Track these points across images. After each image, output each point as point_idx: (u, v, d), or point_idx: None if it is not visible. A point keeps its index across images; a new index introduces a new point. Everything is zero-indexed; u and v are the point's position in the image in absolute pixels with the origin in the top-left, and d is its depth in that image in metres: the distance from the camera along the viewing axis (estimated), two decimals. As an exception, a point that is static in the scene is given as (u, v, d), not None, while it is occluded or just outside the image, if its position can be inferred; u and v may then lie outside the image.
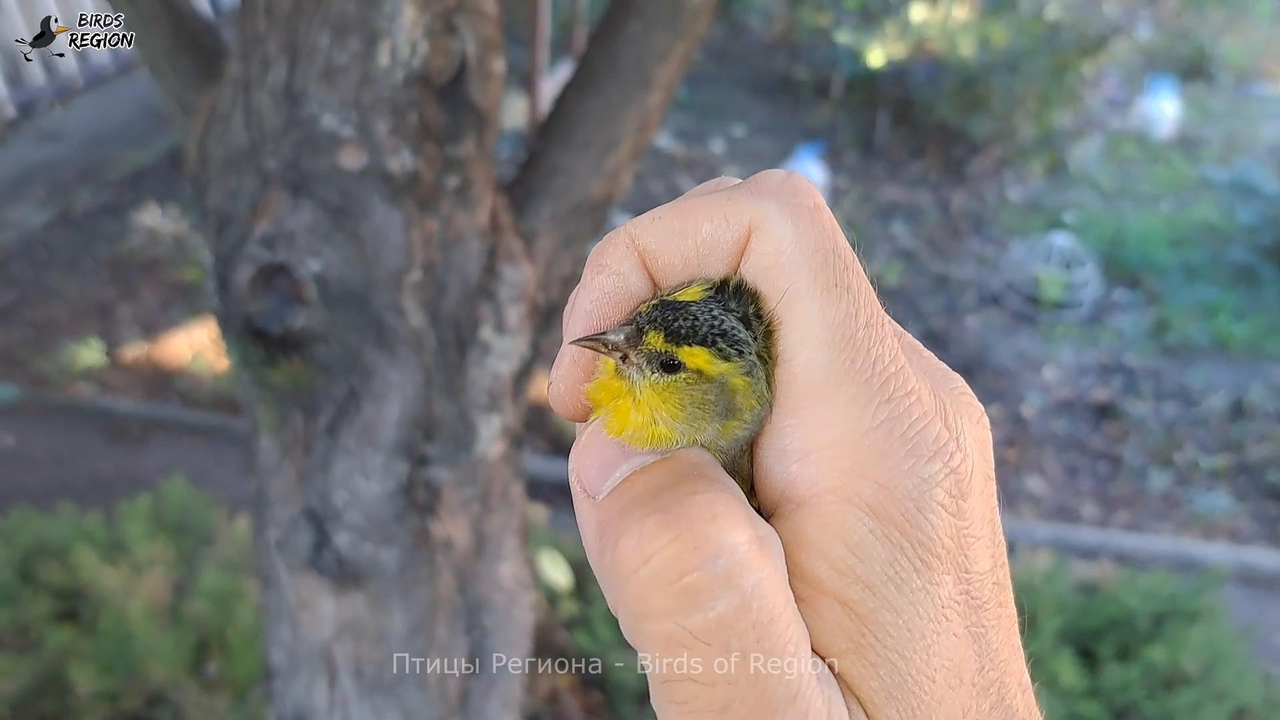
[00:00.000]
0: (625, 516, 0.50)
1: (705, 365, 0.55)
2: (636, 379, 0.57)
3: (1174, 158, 8.75)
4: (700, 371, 0.55)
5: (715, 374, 0.55)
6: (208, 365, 5.71)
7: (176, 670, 3.32)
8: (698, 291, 0.55)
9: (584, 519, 0.54)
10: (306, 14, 1.72)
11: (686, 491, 0.49)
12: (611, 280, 0.57)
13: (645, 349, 0.56)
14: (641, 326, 0.56)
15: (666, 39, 2.08)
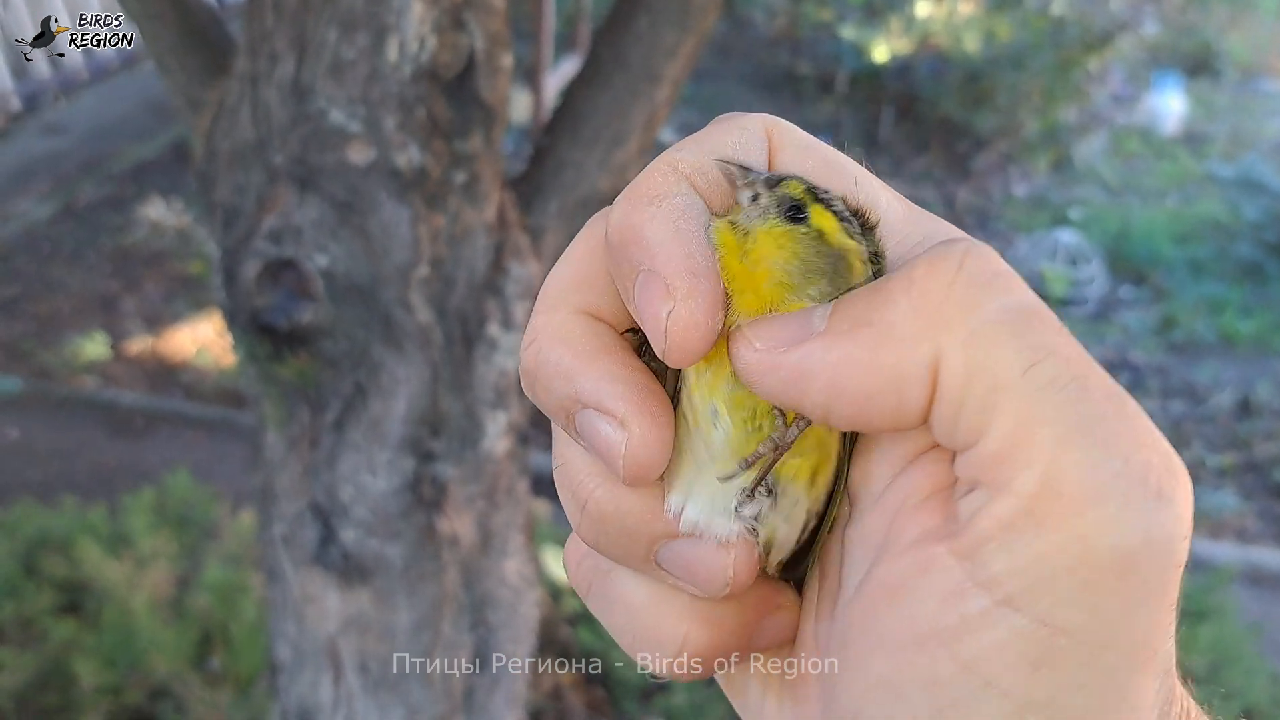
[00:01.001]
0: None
1: (831, 231, 0.53)
2: (755, 223, 0.54)
3: (1179, 153, 8.74)
4: (822, 234, 0.53)
5: (836, 245, 0.53)
6: (212, 358, 5.71)
7: (180, 664, 3.32)
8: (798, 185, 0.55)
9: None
10: (314, 9, 1.72)
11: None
12: (681, 200, 0.52)
13: (781, 192, 0.54)
14: (782, 176, 0.54)
15: (674, 34, 2.08)
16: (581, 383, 0.51)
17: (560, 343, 0.52)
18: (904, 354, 0.46)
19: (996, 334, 0.47)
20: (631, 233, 0.51)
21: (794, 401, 0.49)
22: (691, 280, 0.49)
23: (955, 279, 0.47)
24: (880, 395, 0.47)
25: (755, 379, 0.50)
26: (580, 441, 0.52)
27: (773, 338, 0.50)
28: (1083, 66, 8.15)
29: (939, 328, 0.46)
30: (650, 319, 0.49)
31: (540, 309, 0.53)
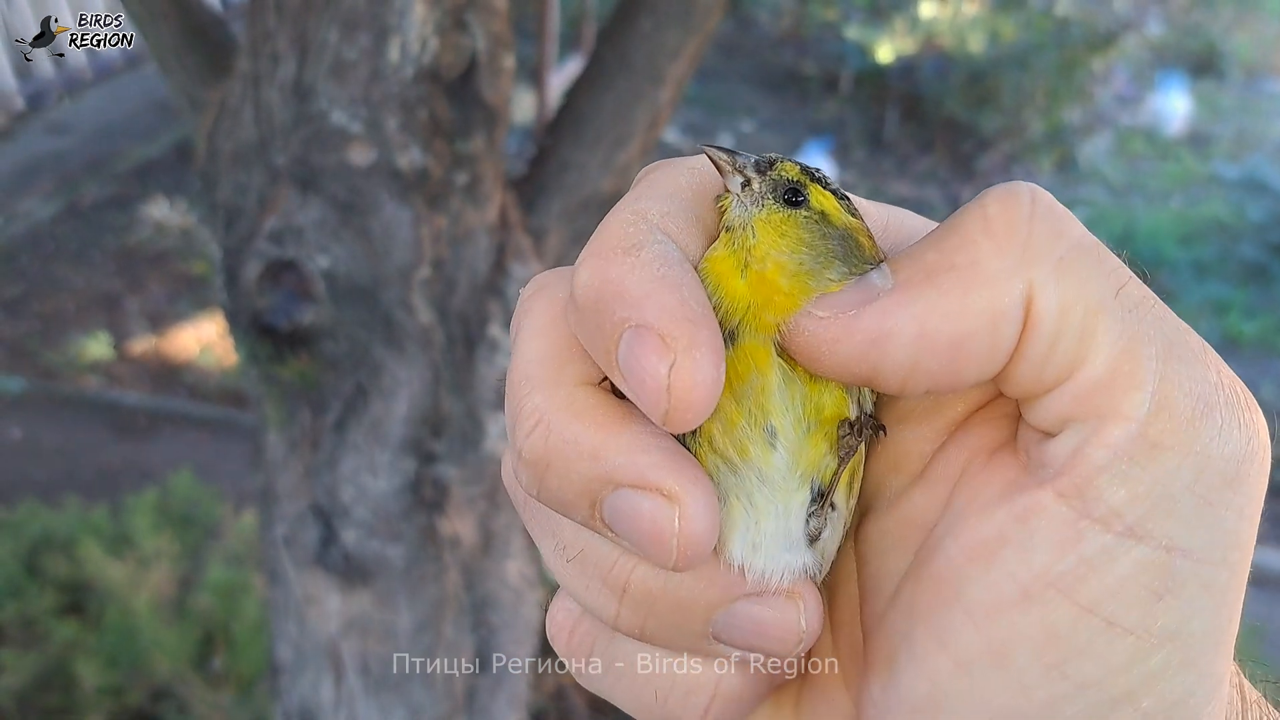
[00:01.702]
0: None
1: (833, 211, 0.51)
2: (750, 213, 0.51)
3: (1184, 154, 8.71)
4: (825, 215, 0.51)
5: (841, 224, 0.51)
6: (215, 358, 5.71)
7: (182, 664, 3.32)
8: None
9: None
10: (316, 9, 1.72)
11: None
12: (659, 247, 0.48)
13: (775, 175, 0.52)
14: (772, 159, 0.52)
15: (678, 35, 2.07)
16: (614, 459, 0.45)
17: (577, 418, 0.46)
18: (998, 292, 0.45)
19: (1083, 262, 0.46)
20: (610, 287, 0.45)
21: (871, 367, 0.46)
22: (691, 328, 0.44)
23: (1033, 213, 0.47)
24: (973, 340, 0.45)
25: (825, 351, 0.47)
26: (609, 531, 0.47)
27: (837, 304, 0.47)
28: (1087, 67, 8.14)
29: (1028, 262, 0.45)
30: (648, 379, 0.44)
31: (532, 390, 0.48)
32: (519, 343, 0.50)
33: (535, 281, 0.53)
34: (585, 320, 0.47)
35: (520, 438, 0.47)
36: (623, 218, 0.48)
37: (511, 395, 0.48)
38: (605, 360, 0.46)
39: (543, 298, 0.51)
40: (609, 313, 0.45)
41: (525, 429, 0.47)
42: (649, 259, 0.47)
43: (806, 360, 0.48)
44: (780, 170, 0.52)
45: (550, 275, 0.52)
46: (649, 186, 0.52)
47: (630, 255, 0.46)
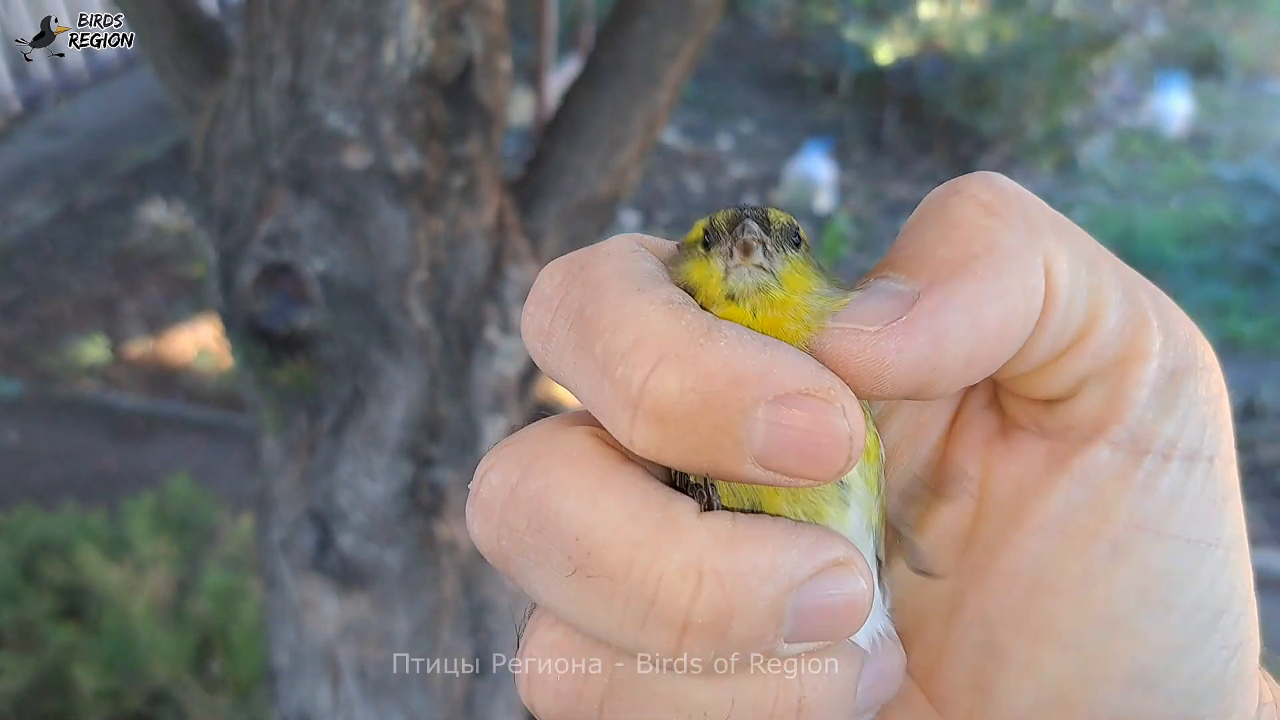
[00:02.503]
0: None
1: (805, 239, 0.50)
2: (779, 267, 0.47)
3: (1184, 155, 8.71)
4: (807, 245, 0.50)
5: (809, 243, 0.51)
6: (213, 361, 5.70)
7: (179, 669, 3.31)
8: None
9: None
10: (312, 12, 1.71)
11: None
12: (727, 323, 0.43)
13: (778, 228, 0.49)
14: (755, 214, 0.48)
15: (675, 37, 2.07)
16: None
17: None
18: (1025, 267, 0.45)
19: (1065, 225, 0.48)
20: (718, 376, 0.41)
21: (931, 370, 0.44)
22: (832, 376, 0.42)
23: (1017, 191, 0.48)
24: (1015, 319, 0.45)
25: (891, 362, 0.44)
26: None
27: (879, 315, 0.45)
28: (1086, 68, 8.14)
29: (1035, 234, 0.46)
30: (823, 439, 0.40)
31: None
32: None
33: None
34: (688, 429, 0.41)
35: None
36: (657, 310, 0.43)
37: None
38: (730, 456, 0.41)
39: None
40: (728, 403, 0.40)
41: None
42: (735, 334, 0.42)
43: (868, 380, 0.45)
44: (775, 219, 0.49)
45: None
46: (623, 277, 0.45)
47: (714, 338, 0.42)
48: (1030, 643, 0.49)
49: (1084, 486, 0.48)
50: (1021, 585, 0.49)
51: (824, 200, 7.65)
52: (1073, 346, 0.47)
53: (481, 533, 0.45)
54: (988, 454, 0.52)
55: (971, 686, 0.51)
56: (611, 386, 0.42)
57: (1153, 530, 0.47)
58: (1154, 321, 0.48)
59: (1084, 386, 0.48)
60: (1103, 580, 0.47)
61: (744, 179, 8.20)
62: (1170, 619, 0.47)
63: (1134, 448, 0.47)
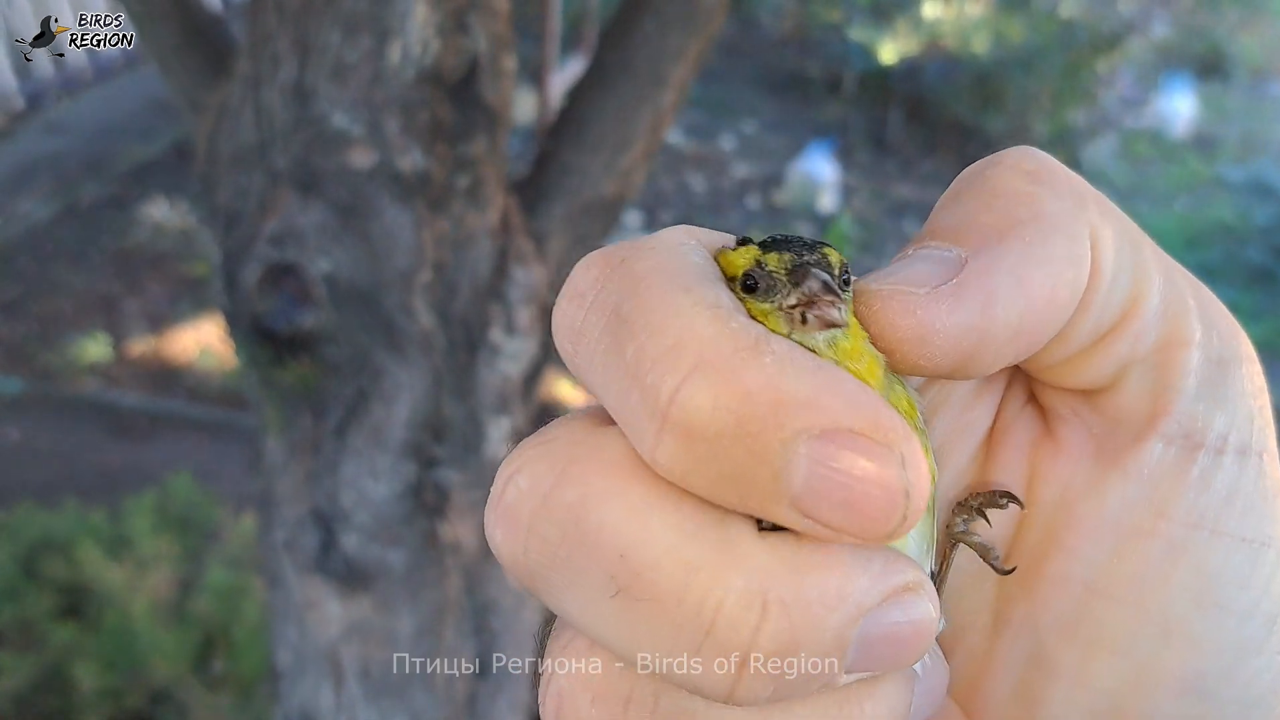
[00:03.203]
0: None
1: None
2: (847, 318, 0.42)
3: (1189, 157, 8.69)
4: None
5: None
6: (215, 360, 5.70)
7: (181, 668, 3.31)
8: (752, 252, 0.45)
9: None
10: (317, 11, 1.71)
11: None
12: (784, 340, 0.39)
13: (840, 275, 0.43)
14: (819, 262, 0.43)
15: (681, 37, 2.06)
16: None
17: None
18: (1072, 236, 0.43)
19: (1108, 202, 0.46)
20: (758, 397, 0.36)
21: (978, 339, 0.42)
22: (897, 416, 0.36)
23: (1058, 163, 0.46)
24: (1062, 289, 0.42)
25: (939, 328, 0.41)
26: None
27: (927, 278, 0.42)
28: (1092, 69, 8.13)
29: (1080, 205, 0.44)
30: (873, 488, 0.35)
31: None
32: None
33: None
34: (718, 453, 0.36)
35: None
36: (701, 313, 0.38)
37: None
38: (763, 493, 0.36)
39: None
40: (766, 429, 0.35)
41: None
42: (785, 351, 0.37)
43: (914, 347, 0.41)
44: (835, 263, 0.44)
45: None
46: (669, 273, 0.40)
47: (760, 353, 0.37)
48: (1082, 651, 0.47)
49: (1137, 485, 0.46)
50: (1072, 591, 0.47)
51: (827, 201, 7.64)
52: (1114, 328, 0.45)
53: (505, 543, 0.40)
54: (1034, 455, 0.50)
55: (1016, 699, 0.49)
56: (640, 395, 0.37)
57: (1209, 529, 0.45)
58: (1195, 309, 0.46)
59: (1126, 375, 0.46)
60: (1159, 583, 0.45)
61: (747, 179, 8.20)
62: (1226, 622, 0.45)
63: (1187, 442, 0.45)
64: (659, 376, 0.36)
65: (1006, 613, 0.50)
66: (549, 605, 0.41)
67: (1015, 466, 0.50)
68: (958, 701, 0.52)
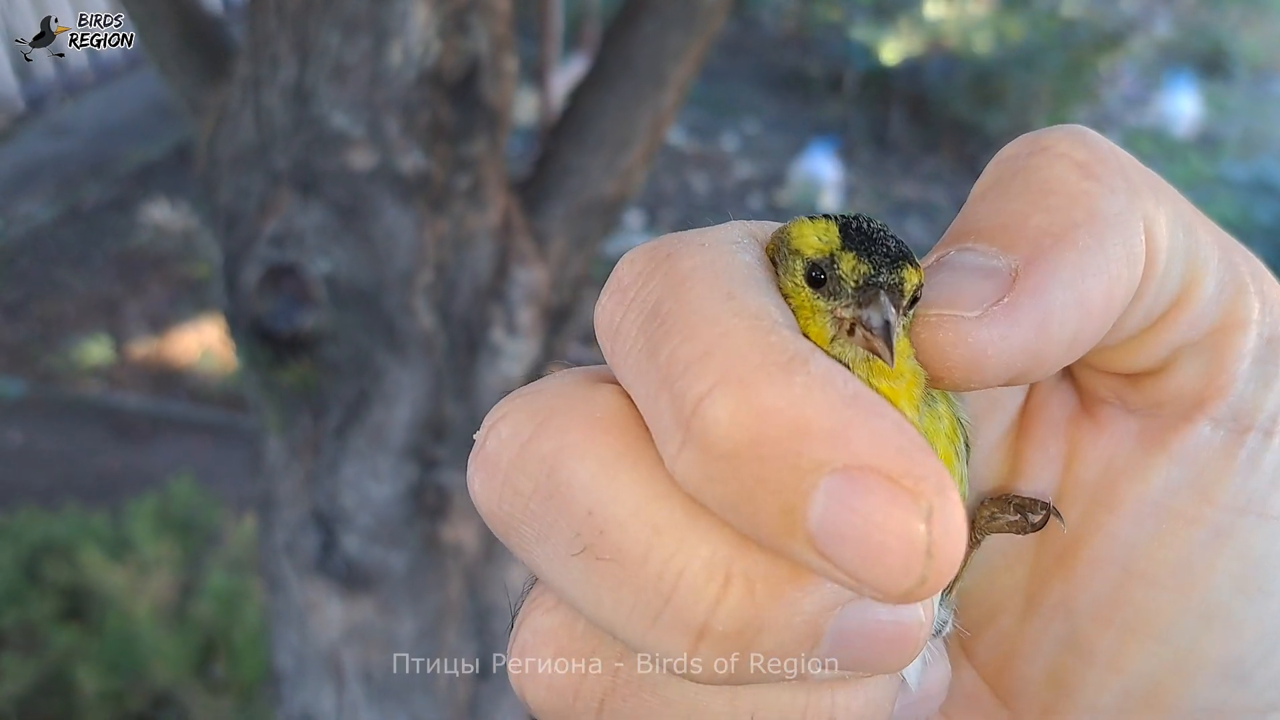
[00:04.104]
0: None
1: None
2: (897, 341, 0.40)
3: (1191, 155, 8.68)
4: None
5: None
6: (216, 362, 5.69)
7: (182, 671, 3.30)
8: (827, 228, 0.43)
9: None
10: (317, 12, 1.70)
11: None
12: (826, 359, 0.36)
13: (909, 298, 0.41)
14: (892, 284, 0.40)
15: (681, 37, 2.06)
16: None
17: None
18: (1128, 234, 0.41)
19: (1163, 184, 0.44)
20: (780, 420, 0.33)
21: (1034, 356, 0.40)
22: (932, 462, 0.33)
23: (1112, 148, 0.44)
24: (1118, 291, 0.41)
25: (993, 351, 0.39)
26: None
27: (977, 298, 0.40)
28: (1094, 67, 8.12)
29: (1136, 196, 0.42)
30: (889, 538, 0.32)
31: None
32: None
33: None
34: (729, 473, 0.34)
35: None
36: (740, 323, 0.35)
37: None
38: (774, 524, 0.33)
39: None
40: (782, 456, 0.33)
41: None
42: (823, 373, 0.34)
43: (966, 372, 0.40)
44: (908, 286, 0.41)
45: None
46: (715, 274, 0.38)
47: (792, 371, 0.34)
48: (1119, 635, 0.46)
49: (1184, 467, 0.44)
50: (1111, 574, 0.46)
51: (829, 200, 7.62)
52: (1168, 315, 0.43)
53: (482, 492, 0.39)
54: (1072, 432, 0.48)
55: (1049, 683, 0.48)
56: (669, 400, 0.35)
57: (1256, 513, 0.43)
58: (1251, 287, 0.44)
59: (1178, 358, 0.44)
60: (1202, 567, 0.44)
61: (749, 179, 8.19)
62: (1269, 606, 0.44)
63: (1236, 425, 0.44)
64: (686, 385, 0.34)
65: (1040, 595, 0.49)
66: (522, 559, 0.39)
67: (1051, 445, 0.49)
68: (987, 682, 0.51)
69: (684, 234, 0.40)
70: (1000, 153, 0.46)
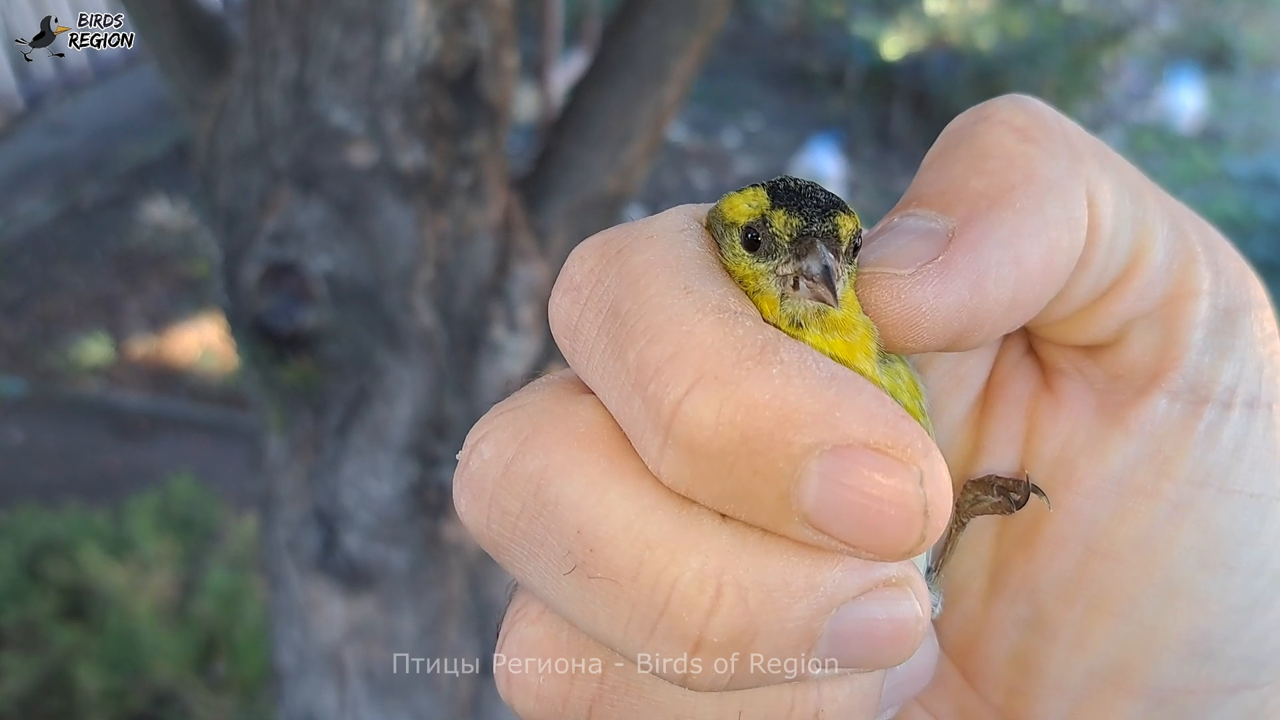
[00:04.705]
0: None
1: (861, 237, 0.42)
2: (843, 290, 0.40)
3: (1194, 151, 8.66)
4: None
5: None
6: (216, 360, 5.69)
7: (183, 669, 3.30)
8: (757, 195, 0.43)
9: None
10: (317, 8, 1.70)
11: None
12: (794, 342, 0.37)
13: (847, 245, 0.41)
14: (826, 231, 0.40)
15: (683, 32, 2.05)
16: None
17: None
18: (1068, 198, 0.41)
19: (1108, 153, 0.44)
20: (766, 411, 0.34)
21: (970, 317, 0.40)
22: (916, 429, 0.35)
23: (1056, 115, 0.43)
24: (1059, 255, 0.41)
25: (927, 311, 0.39)
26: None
27: (907, 257, 0.40)
28: (1097, 62, 8.11)
29: (1077, 161, 0.42)
30: (887, 505, 0.33)
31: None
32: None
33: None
34: (722, 469, 0.35)
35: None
36: (704, 318, 0.36)
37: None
38: (770, 509, 0.35)
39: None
40: (773, 446, 0.34)
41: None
42: (795, 359, 0.35)
43: (902, 331, 0.40)
44: (844, 232, 0.41)
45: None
46: (669, 268, 0.38)
47: (767, 363, 0.35)
48: (1083, 614, 0.45)
49: (1141, 442, 0.44)
50: (1073, 552, 0.45)
51: (830, 194, 7.62)
52: (1116, 285, 0.43)
53: (470, 512, 0.40)
54: (1032, 409, 0.48)
55: (1014, 662, 0.48)
56: (643, 404, 0.36)
57: (1216, 486, 0.43)
58: (1202, 256, 0.44)
59: (1130, 330, 0.44)
60: (1163, 543, 0.44)
61: (751, 175, 8.18)
62: (1233, 581, 0.43)
63: (1193, 396, 0.43)
64: (661, 387, 0.35)
65: (1003, 575, 0.48)
66: (514, 575, 0.39)
67: (1012, 422, 0.49)
68: (954, 663, 0.51)
69: (631, 226, 0.41)
70: (949, 124, 0.46)
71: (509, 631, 0.41)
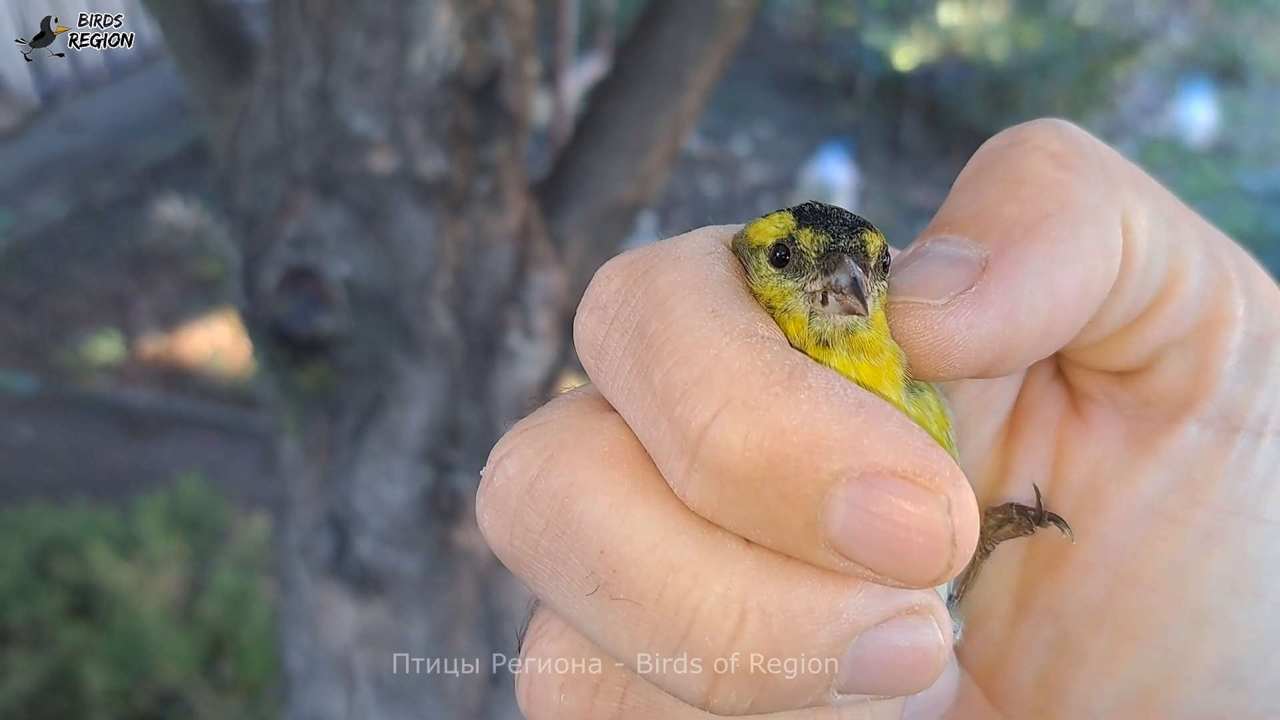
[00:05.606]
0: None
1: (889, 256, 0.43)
2: (873, 307, 0.40)
3: (1206, 165, 8.64)
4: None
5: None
6: (226, 360, 5.70)
7: (190, 670, 3.30)
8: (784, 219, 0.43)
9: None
10: (340, 15, 1.70)
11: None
12: (820, 368, 0.37)
13: (875, 262, 0.41)
14: (854, 248, 0.41)
15: (702, 41, 2.05)
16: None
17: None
18: (1103, 225, 0.41)
19: (1145, 179, 0.44)
20: (794, 438, 0.34)
21: (1003, 346, 0.40)
22: (943, 456, 0.34)
23: (1093, 140, 0.43)
24: (1093, 283, 0.40)
25: (960, 341, 0.39)
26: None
27: (945, 285, 0.40)
28: (1109, 75, 8.10)
29: (1113, 188, 0.42)
30: (915, 533, 0.33)
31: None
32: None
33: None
34: (749, 494, 0.35)
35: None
36: (731, 342, 0.36)
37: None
38: (797, 536, 0.35)
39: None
40: (801, 473, 0.34)
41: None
42: (823, 385, 0.35)
43: (934, 361, 0.40)
44: (871, 249, 0.41)
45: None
46: (695, 291, 0.38)
47: (795, 388, 0.35)
48: (1111, 640, 0.45)
49: (1172, 469, 0.44)
50: (1101, 578, 0.45)
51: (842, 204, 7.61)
52: (1150, 311, 0.43)
53: (493, 529, 0.40)
54: (1060, 434, 0.48)
55: (1040, 686, 0.48)
56: (670, 426, 0.35)
57: (1247, 515, 0.43)
58: (1237, 282, 0.44)
59: (1163, 356, 0.44)
60: (1193, 570, 0.43)
61: (761, 183, 8.18)
62: (1263, 609, 0.43)
63: (1225, 425, 0.43)
64: (688, 410, 0.35)
65: (1029, 598, 0.48)
66: (535, 593, 0.39)
67: (1041, 446, 0.48)
68: (979, 684, 0.51)
69: (658, 246, 0.41)
70: (982, 146, 0.47)
71: (530, 648, 0.41)
